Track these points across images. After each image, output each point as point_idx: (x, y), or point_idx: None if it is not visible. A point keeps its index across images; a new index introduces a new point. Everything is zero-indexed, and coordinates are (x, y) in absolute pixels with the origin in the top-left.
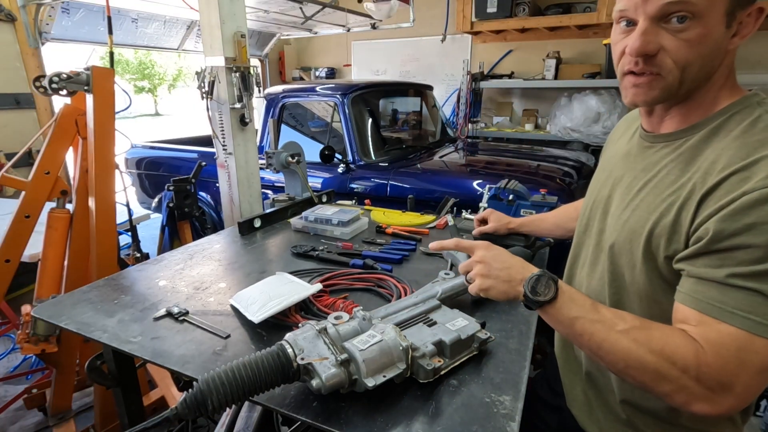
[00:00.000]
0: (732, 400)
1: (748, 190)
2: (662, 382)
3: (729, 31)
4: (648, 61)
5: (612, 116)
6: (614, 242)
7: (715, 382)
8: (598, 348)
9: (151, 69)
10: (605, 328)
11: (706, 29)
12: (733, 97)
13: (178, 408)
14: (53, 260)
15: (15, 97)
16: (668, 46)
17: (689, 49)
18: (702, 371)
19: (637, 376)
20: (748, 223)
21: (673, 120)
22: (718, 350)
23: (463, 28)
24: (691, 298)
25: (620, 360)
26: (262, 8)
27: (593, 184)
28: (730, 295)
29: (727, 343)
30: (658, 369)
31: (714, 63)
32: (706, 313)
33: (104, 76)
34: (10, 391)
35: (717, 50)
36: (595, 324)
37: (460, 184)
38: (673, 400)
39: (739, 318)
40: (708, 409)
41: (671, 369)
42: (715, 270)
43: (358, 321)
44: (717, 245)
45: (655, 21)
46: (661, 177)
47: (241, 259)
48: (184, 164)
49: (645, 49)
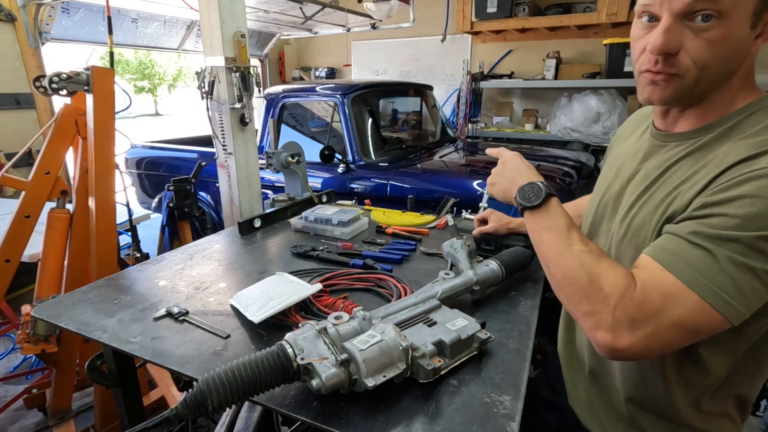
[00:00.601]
0: (632, 338)
1: (747, 171)
2: (584, 301)
3: (753, 32)
4: (667, 61)
5: (612, 116)
6: (621, 239)
7: (627, 316)
8: (550, 258)
9: (151, 69)
10: (566, 243)
11: (730, 29)
12: (751, 98)
13: (178, 408)
14: (53, 260)
15: (15, 97)
16: (689, 46)
17: (711, 49)
18: (621, 301)
19: (567, 290)
20: (734, 195)
21: (688, 120)
22: (646, 289)
23: (463, 28)
24: (651, 247)
25: (560, 271)
26: (262, 8)
27: (600, 183)
28: (685, 250)
29: (657, 285)
30: (585, 288)
31: (734, 65)
32: (656, 259)
33: (104, 76)
34: (10, 391)
35: (738, 52)
36: (560, 238)
37: (460, 184)
38: (585, 322)
39: (682, 269)
40: (608, 339)
41: (597, 293)
42: (683, 226)
43: (358, 321)
44: (698, 212)
45: (679, 18)
46: (670, 174)
47: (241, 259)
48: (184, 164)
49: (667, 47)
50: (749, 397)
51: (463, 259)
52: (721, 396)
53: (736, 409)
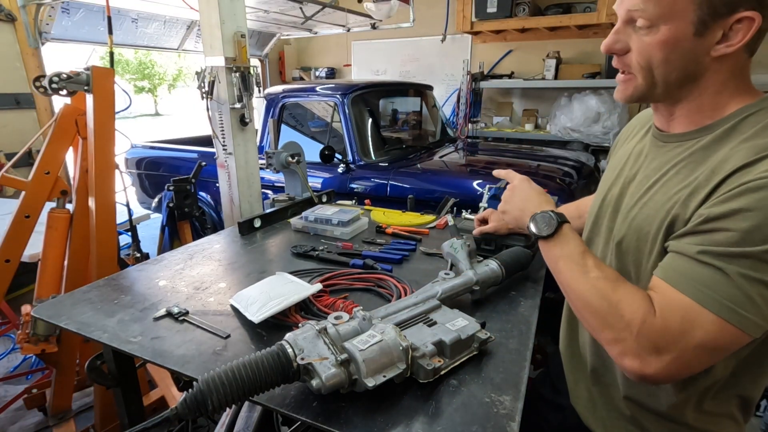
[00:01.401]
0: (660, 364)
1: (746, 180)
2: (607, 329)
3: (703, 39)
4: (619, 60)
5: (612, 116)
6: (621, 239)
7: (650, 343)
8: (568, 285)
9: (151, 69)
10: (581, 270)
11: (667, 36)
12: (747, 100)
13: (178, 408)
14: (53, 260)
15: (15, 97)
16: (634, 47)
17: (652, 51)
18: (643, 328)
19: (589, 319)
20: (735, 208)
21: (680, 120)
22: (664, 313)
23: (463, 28)
24: (661, 269)
25: (580, 299)
26: (262, 8)
27: (603, 183)
28: (696, 270)
29: (675, 309)
30: (607, 316)
31: (688, 67)
32: (669, 282)
33: (104, 76)
34: (10, 391)
35: (688, 55)
36: (575, 265)
37: (460, 184)
38: (611, 349)
39: (695, 290)
40: (636, 366)
41: (618, 320)
42: (691, 246)
43: (358, 321)
44: (702, 226)
45: (626, 23)
46: (670, 176)
47: (241, 259)
48: (184, 164)
49: (611, 47)
50: (752, 398)
51: (463, 259)
52: (724, 396)
53: (739, 410)
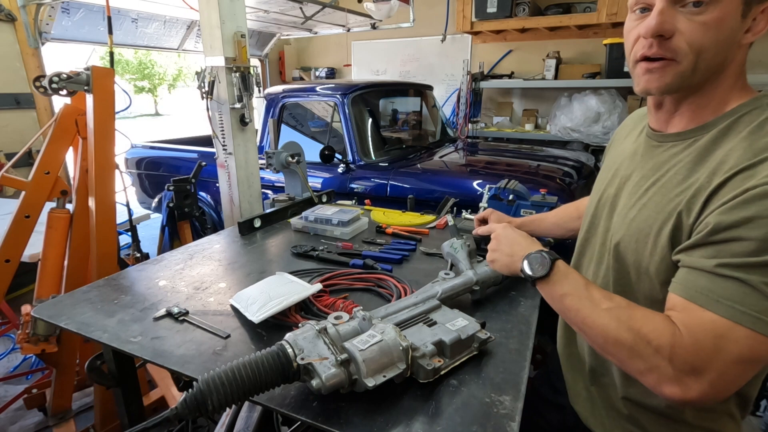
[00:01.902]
0: (702, 385)
1: (751, 186)
2: (636, 359)
3: (744, 22)
4: (662, 45)
5: (612, 116)
6: (620, 241)
7: (687, 365)
8: (582, 323)
9: (151, 69)
10: (592, 305)
11: (722, 14)
12: (744, 98)
13: (178, 408)
14: (53, 260)
15: (15, 97)
16: (684, 29)
17: (705, 32)
18: (675, 352)
19: (614, 352)
20: (746, 216)
21: (681, 118)
22: (695, 334)
23: (463, 28)
24: (680, 286)
25: (600, 335)
26: (262, 8)
27: (598, 183)
28: (718, 284)
29: (706, 329)
30: (633, 346)
31: (728, 53)
32: (692, 300)
33: (104, 76)
34: (10, 391)
35: (732, 39)
36: (583, 300)
37: (460, 184)
38: (646, 380)
39: (723, 306)
40: (677, 392)
41: (646, 347)
42: (707, 260)
43: (358, 321)
44: (713, 237)
45: (672, 3)
46: (669, 177)
47: (241, 259)
48: (184, 164)
49: (662, 28)
50: (750, 395)
51: (463, 259)
52: None
53: (737, 407)
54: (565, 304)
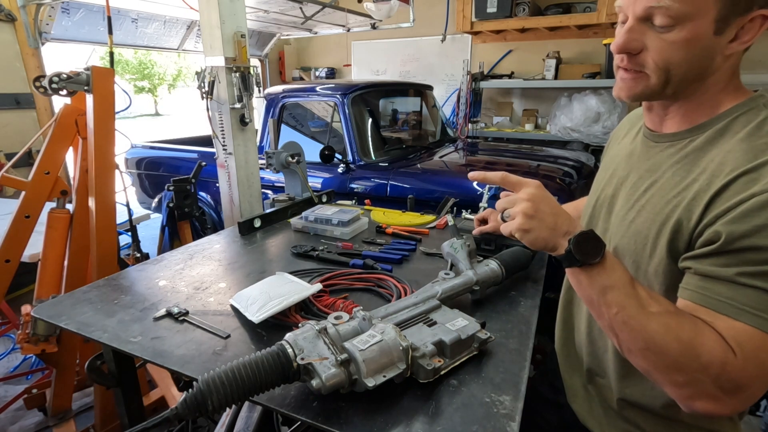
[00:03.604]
0: (739, 402)
1: (757, 192)
2: (677, 372)
3: (721, 38)
4: (631, 59)
5: (612, 116)
6: (618, 243)
7: (732, 384)
8: (622, 323)
9: (151, 69)
10: (638, 305)
11: (691, 34)
12: (738, 99)
13: (178, 408)
14: (53, 260)
15: (15, 97)
16: (651, 46)
17: (672, 51)
18: (725, 371)
19: (652, 359)
20: (758, 225)
21: (674, 120)
22: (743, 352)
23: (463, 28)
24: (698, 295)
25: (642, 340)
26: (262, 8)
27: (596, 183)
28: (740, 293)
29: (746, 343)
30: (679, 358)
31: (703, 66)
32: (716, 310)
33: (104, 76)
34: (10, 391)
35: (705, 54)
36: (629, 299)
37: (460, 184)
38: (679, 392)
39: (750, 316)
40: (711, 407)
41: (692, 361)
42: (724, 268)
43: (358, 321)
44: (728, 247)
45: (642, 20)
46: (666, 178)
47: (241, 259)
48: (184, 164)
49: (627, 47)
50: None
51: (463, 259)
52: None
53: None
54: (607, 299)
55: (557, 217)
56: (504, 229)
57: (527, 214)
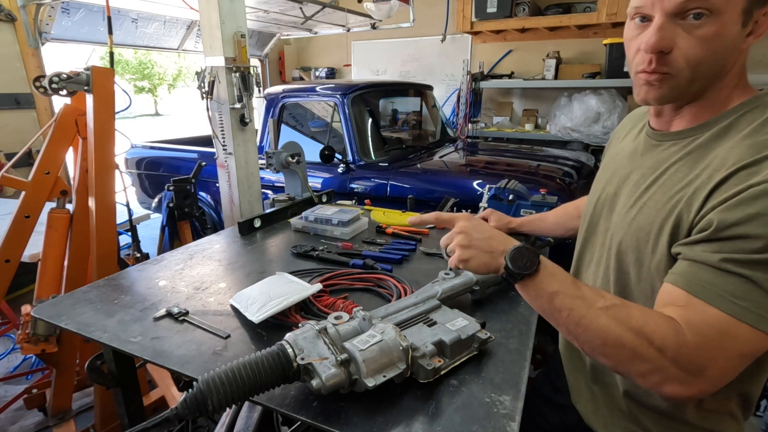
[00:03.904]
0: (705, 383)
1: (755, 183)
2: (638, 361)
3: (744, 30)
4: (661, 60)
5: (612, 116)
6: (621, 240)
7: (692, 364)
8: (576, 324)
9: (151, 69)
10: (585, 304)
11: (722, 27)
12: (745, 96)
13: (178, 408)
14: (53, 260)
15: (15, 97)
16: (682, 44)
17: (703, 46)
18: (681, 352)
19: (612, 355)
20: (751, 213)
21: (683, 119)
22: (699, 331)
23: (463, 28)
24: (682, 279)
25: (597, 337)
26: (262, 8)
27: (597, 182)
28: (723, 279)
29: (710, 326)
30: (636, 347)
31: (726, 62)
32: (695, 295)
33: (104, 76)
34: (10, 391)
35: (731, 49)
36: (576, 300)
37: (460, 184)
38: (647, 381)
39: (727, 302)
40: (680, 390)
41: (648, 348)
42: (711, 254)
43: (358, 321)
44: (718, 234)
45: (671, 17)
46: (669, 175)
47: (241, 259)
48: (184, 164)
49: (660, 45)
50: (752, 395)
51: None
52: (724, 394)
53: (739, 407)
54: (555, 304)
55: (491, 240)
56: (450, 264)
57: (462, 245)
